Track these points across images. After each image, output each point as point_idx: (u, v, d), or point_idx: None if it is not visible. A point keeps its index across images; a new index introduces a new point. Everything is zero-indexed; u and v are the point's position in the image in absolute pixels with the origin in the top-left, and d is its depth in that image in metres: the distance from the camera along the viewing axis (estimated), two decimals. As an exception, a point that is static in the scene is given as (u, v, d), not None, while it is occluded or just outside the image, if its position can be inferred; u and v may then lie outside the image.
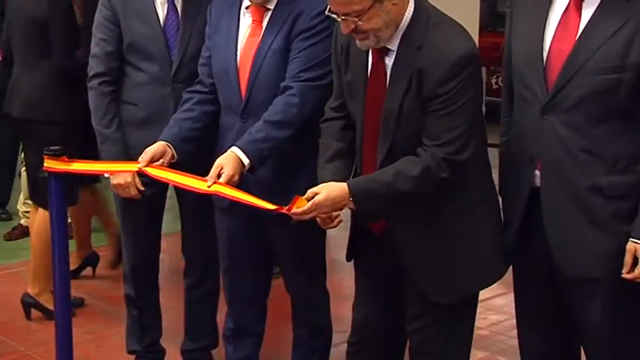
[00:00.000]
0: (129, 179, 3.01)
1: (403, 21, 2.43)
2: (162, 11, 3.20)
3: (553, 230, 2.49)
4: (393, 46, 2.45)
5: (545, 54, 2.45)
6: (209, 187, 2.67)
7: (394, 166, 2.43)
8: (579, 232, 2.47)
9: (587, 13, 2.42)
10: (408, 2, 2.44)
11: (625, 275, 2.42)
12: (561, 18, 2.46)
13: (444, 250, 2.52)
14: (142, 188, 3.04)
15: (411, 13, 2.44)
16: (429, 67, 2.38)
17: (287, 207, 2.46)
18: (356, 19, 2.36)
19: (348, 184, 2.44)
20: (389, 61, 2.47)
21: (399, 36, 2.44)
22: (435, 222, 2.51)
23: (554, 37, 2.46)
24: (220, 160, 2.73)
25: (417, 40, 2.41)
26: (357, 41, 2.45)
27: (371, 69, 2.51)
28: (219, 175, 2.70)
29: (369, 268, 2.73)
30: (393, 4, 2.38)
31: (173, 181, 2.84)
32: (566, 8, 2.46)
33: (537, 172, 2.50)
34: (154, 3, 3.19)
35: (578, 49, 2.40)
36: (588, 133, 2.41)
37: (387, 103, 2.46)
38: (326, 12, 2.44)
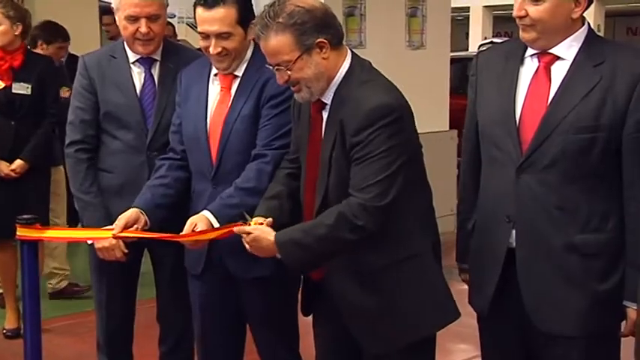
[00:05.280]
0: (114, 242, 2.98)
1: (337, 76, 2.54)
2: (139, 80, 3.23)
3: (528, 289, 2.52)
4: (328, 100, 2.56)
5: (517, 116, 2.51)
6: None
7: (319, 217, 2.51)
8: (554, 290, 2.50)
9: (557, 77, 2.49)
10: (344, 58, 2.56)
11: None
12: (531, 81, 2.53)
13: (374, 301, 2.55)
14: (127, 250, 3.03)
15: (346, 69, 2.55)
16: (347, 118, 2.47)
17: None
18: (286, 70, 2.49)
19: (275, 235, 2.51)
20: (325, 114, 2.58)
21: (333, 90, 2.54)
22: (364, 275, 2.54)
23: (525, 99, 2.52)
24: (193, 219, 2.79)
25: (346, 96, 2.51)
26: (295, 94, 2.59)
27: (311, 122, 2.62)
28: (192, 231, 2.76)
29: (325, 327, 2.76)
30: (323, 58, 2.51)
31: (148, 236, 2.89)
32: (535, 72, 2.53)
33: (513, 232, 2.53)
34: (130, 72, 3.23)
35: (552, 110, 2.46)
36: (562, 192, 2.46)
37: (321, 155, 2.55)
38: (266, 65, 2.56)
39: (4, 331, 4.82)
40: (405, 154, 2.46)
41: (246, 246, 2.60)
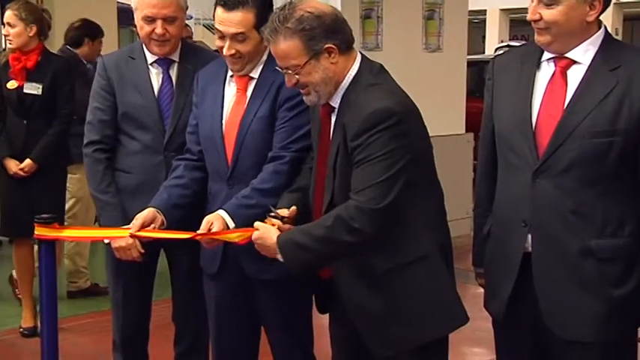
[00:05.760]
0: (130, 241, 3.00)
1: (345, 80, 2.56)
2: (157, 81, 3.25)
3: (544, 293, 2.52)
4: (336, 103, 2.58)
5: (534, 120, 2.51)
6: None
7: (319, 219, 2.54)
8: (570, 294, 2.50)
9: (573, 81, 2.49)
10: (352, 62, 2.57)
11: None
12: (547, 85, 2.53)
13: (380, 303, 2.56)
14: (143, 250, 3.04)
15: (354, 73, 2.56)
16: (349, 122, 2.49)
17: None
18: (294, 73, 2.52)
19: (277, 237, 2.53)
20: (333, 118, 2.59)
21: (341, 94, 2.56)
22: (370, 277, 2.55)
23: (542, 104, 2.52)
24: (209, 217, 2.81)
25: (351, 100, 2.53)
26: (304, 96, 2.61)
27: (320, 125, 2.65)
28: (209, 230, 2.78)
29: (338, 327, 2.78)
30: (331, 63, 2.53)
31: (165, 237, 2.91)
32: (552, 76, 2.53)
33: (529, 236, 2.53)
34: (148, 73, 3.25)
35: (568, 114, 2.45)
36: (578, 196, 2.46)
37: (328, 158, 2.58)
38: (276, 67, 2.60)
39: (21, 330, 4.87)
40: (406, 157, 2.46)
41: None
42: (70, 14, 6.17)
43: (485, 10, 24.57)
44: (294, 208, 2.66)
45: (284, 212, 2.66)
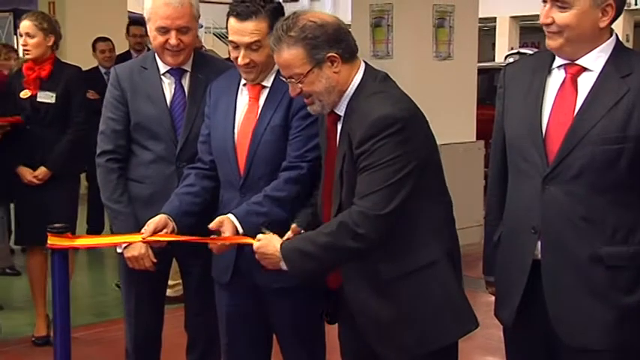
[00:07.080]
0: (143, 251, 3.03)
1: (349, 88, 2.57)
2: (169, 91, 3.27)
3: (553, 301, 2.51)
4: (341, 112, 2.60)
5: (544, 127, 2.51)
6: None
7: (322, 225, 2.56)
8: (579, 302, 2.49)
9: (584, 88, 2.49)
10: (356, 71, 2.59)
11: None
12: (558, 92, 2.52)
13: (389, 310, 2.56)
14: (155, 260, 3.06)
15: (358, 82, 2.58)
16: (354, 128, 2.50)
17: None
18: (297, 82, 2.54)
19: (281, 245, 2.54)
20: (339, 126, 2.61)
21: (346, 102, 2.57)
22: (379, 285, 2.55)
23: (552, 111, 2.52)
24: (220, 218, 2.83)
25: (355, 108, 2.54)
26: (308, 106, 2.63)
27: (327, 134, 2.67)
28: (218, 230, 2.80)
29: (348, 333, 2.77)
30: (334, 72, 2.54)
31: (176, 239, 2.93)
32: (562, 83, 2.53)
33: (539, 243, 2.53)
34: (161, 83, 3.27)
35: (579, 121, 2.45)
36: (589, 203, 2.45)
37: (335, 166, 2.59)
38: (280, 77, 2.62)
39: (33, 339, 4.88)
40: (411, 164, 2.47)
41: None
42: (82, 24, 6.21)
43: (496, 18, 24.55)
44: (294, 226, 2.66)
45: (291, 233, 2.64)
